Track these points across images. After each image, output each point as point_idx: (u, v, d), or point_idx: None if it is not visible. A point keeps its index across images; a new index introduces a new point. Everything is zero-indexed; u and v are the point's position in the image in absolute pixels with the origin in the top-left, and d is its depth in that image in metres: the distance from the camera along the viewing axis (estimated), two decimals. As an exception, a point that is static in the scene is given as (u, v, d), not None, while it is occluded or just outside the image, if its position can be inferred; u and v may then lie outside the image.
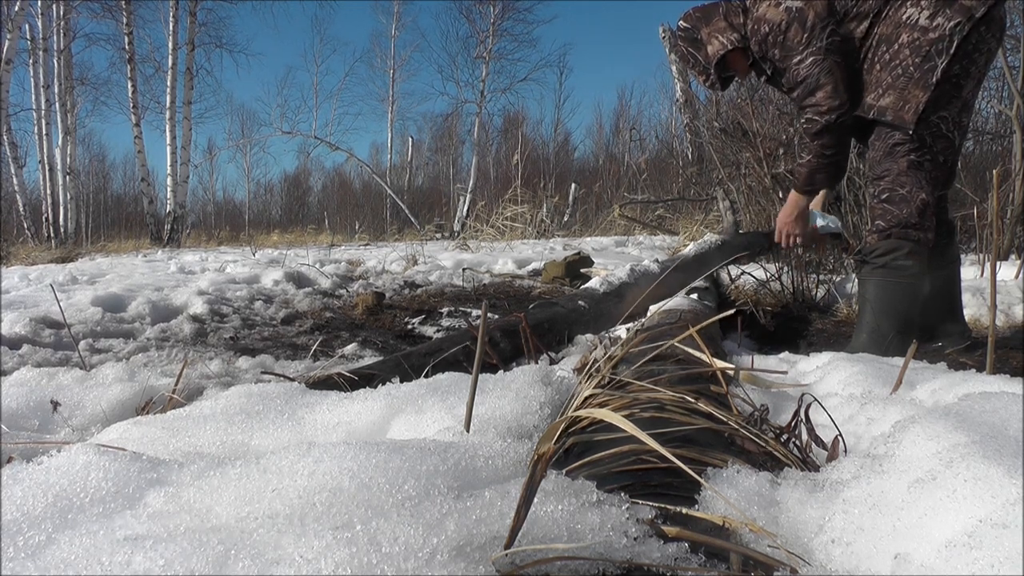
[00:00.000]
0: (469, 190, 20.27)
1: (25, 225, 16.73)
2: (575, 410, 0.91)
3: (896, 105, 2.29)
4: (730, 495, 0.72)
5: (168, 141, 16.22)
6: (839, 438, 0.94)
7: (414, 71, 66.31)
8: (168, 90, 16.26)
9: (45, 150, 16.93)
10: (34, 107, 17.09)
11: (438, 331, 3.29)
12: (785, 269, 3.79)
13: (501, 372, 1.25)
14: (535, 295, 4.45)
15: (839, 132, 2.36)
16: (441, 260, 6.19)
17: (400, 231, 18.08)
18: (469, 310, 3.79)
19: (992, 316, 1.41)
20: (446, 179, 28.82)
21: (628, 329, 2.03)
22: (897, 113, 2.29)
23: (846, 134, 2.41)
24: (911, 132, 2.27)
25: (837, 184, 2.46)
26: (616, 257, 6.73)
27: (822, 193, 2.75)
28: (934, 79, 2.22)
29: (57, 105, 16.69)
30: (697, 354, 1.31)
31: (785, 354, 2.08)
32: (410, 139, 29.24)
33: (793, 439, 0.99)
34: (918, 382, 1.28)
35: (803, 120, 2.41)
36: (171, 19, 16.04)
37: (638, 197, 11.02)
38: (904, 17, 2.27)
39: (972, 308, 3.13)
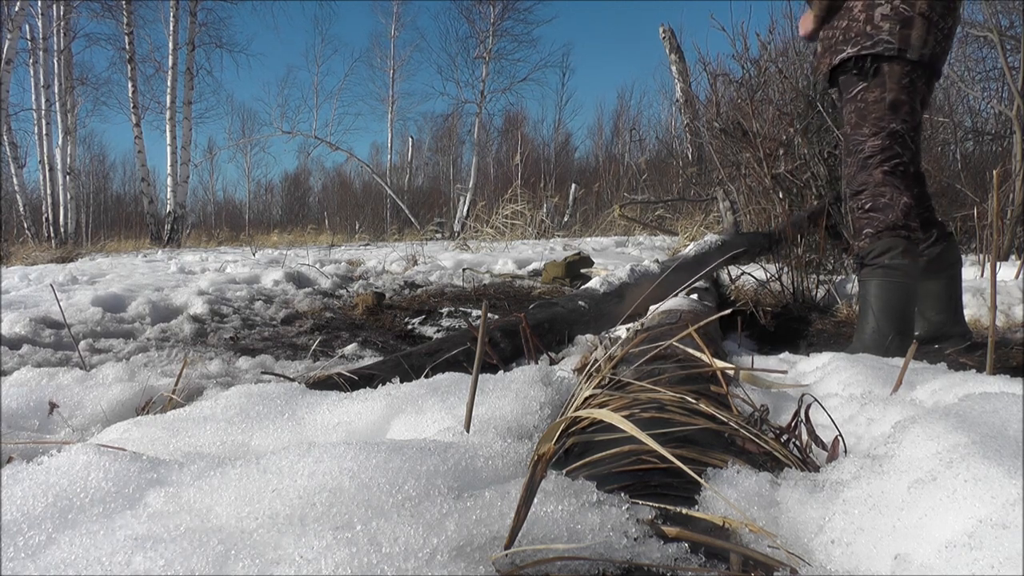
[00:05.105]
0: (469, 190, 20.27)
1: (25, 225, 16.70)
2: (575, 410, 0.91)
3: (822, 47, 2.48)
4: (730, 495, 0.72)
5: (168, 141, 16.22)
6: (839, 438, 0.94)
7: (414, 71, 66.50)
8: (168, 90, 16.27)
9: (45, 150, 16.92)
10: (34, 107, 17.09)
11: (438, 331, 3.29)
12: (785, 269, 3.79)
13: (501, 372, 1.25)
14: (535, 295, 4.45)
15: None
16: (441, 260, 6.19)
17: (400, 231, 18.08)
18: (469, 310, 3.79)
19: (992, 316, 1.41)
20: (446, 179, 28.80)
21: (628, 329, 2.03)
22: (820, 58, 2.50)
23: None
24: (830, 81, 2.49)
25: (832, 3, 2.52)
26: (616, 257, 6.73)
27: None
28: (837, 59, 2.38)
29: (57, 105, 16.68)
30: (697, 354, 1.31)
31: (785, 354, 2.08)
32: (410, 139, 29.30)
33: (793, 439, 0.99)
34: (918, 382, 1.28)
35: None
36: (171, 19, 16.05)
37: (638, 197, 11.04)
38: None
39: (972, 308, 3.13)
